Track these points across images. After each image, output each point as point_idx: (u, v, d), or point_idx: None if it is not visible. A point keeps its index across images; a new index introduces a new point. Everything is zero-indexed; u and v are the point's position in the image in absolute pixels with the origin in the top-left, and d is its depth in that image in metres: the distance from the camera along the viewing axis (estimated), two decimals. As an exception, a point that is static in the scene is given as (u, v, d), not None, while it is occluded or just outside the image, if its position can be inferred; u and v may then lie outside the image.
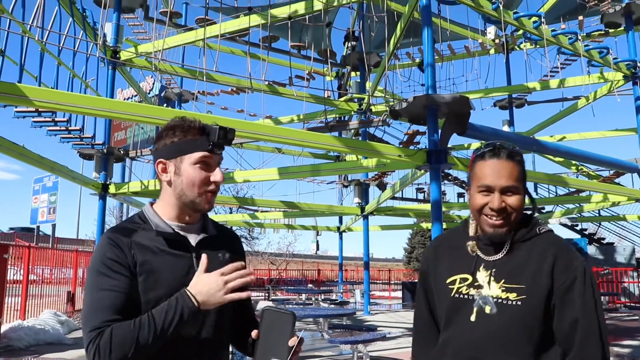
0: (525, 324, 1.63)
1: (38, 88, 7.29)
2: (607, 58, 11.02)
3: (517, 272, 1.68)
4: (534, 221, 1.77)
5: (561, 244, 1.73)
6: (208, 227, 1.71)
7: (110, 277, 1.50)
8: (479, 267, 1.73)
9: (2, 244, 10.97)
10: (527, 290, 1.64)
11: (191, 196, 1.61)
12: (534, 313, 1.63)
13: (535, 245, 1.71)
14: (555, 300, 1.64)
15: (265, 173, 10.77)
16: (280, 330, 1.51)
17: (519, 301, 1.63)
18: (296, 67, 14.36)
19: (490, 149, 1.75)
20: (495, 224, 1.70)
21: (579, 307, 1.61)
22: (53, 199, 26.07)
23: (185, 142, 1.61)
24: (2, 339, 8.72)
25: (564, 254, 1.68)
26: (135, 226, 1.61)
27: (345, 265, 25.21)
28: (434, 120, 8.04)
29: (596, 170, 17.65)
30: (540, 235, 1.74)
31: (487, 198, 1.71)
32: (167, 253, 1.58)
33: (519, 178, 1.73)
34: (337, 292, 19.20)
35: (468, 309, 1.70)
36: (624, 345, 9.37)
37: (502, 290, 1.67)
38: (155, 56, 10.12)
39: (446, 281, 1.78)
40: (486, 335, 1.65)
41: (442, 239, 1.95)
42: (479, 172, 1.74)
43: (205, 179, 1.61)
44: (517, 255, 1.71)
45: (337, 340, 7.26)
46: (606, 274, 17.15)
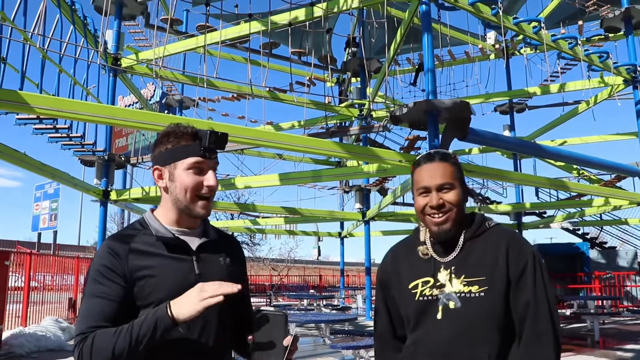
0: (490, 313, 1.71)
1: (39, 95, 7.32)
2: (607, 62, 11.03)
3: (475, 266, 1.76)
4: (481, 218, 1.88)
5: (511, 234, 1.83)
6: (209, 231, 1.72)
7: (103, 285, 1.53)
8: (439, 268, 1.82)
9: (4, 250, 10.98)
10: (488, 281, 1.73)
11: (185, 202, 1.63)
12: (497, 302, 1.71)
13: (488, 239, 1.81)
14: (512, 286, 1.73)
15: (267, 179, 10.79)
16: (274, 332, 1.54)
17: (482, 292, 1.72)
18: (297, 73, 14.38)
19: (424, 156, 1.90)
20: (437, 222, 1.81)
21: (530, 289, 1.71)
22: (54, 205, 26.10)
23: (178, 148, 1.62)
24: (3, 346, 8.71)
25: (515, 242, 1.78)
26: (134, 232, 1.63)
27: (347, 270, 25.17)
28: (435, 126, 8.05)
29: (597, 174, 17.64)
30: (490, 230, 1.84)
31: (426, 198, 1.83)
32: (167, 257, 1.59)
33: (454, 176, 1.84)
34: (338, 298, 19.16)
35: (434, 308, 1.77)
36: (626, 350, 9.34)
37: (463, 285, 1.75)
38: (156, 63, 10.15)
39: (409, 287, 1.85)
40: (454, 330, 1.72)
41: (397, 248, 2.04)
42: (417, 177, 1.87)
43: (198, 184, 1.62)
44: (472, 251, 1.80)
45: (339, 345, 7.26)
46: (608, 278, 17.09)
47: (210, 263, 1.66)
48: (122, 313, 1.51)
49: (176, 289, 1.54)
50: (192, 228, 1.69)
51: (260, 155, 17.42)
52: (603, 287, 16.99)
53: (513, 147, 12.30)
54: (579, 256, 18.01)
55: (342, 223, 20.21)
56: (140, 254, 1.57)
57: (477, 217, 1.88)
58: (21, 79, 8.09)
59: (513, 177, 11.85)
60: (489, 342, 1.69)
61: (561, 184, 11.91)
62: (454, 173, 1.84)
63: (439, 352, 1.73)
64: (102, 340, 1.44)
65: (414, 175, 1.89)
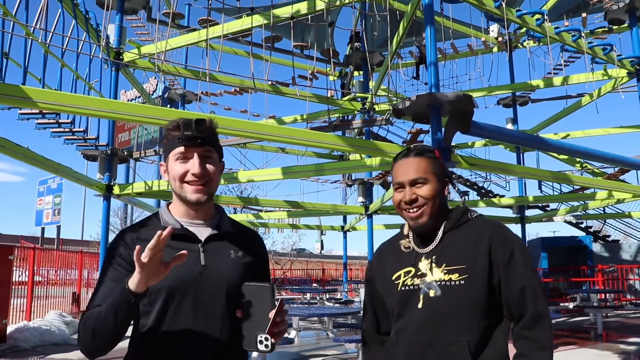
0: (470, 301, 1.73)
1: (42, 90, 7.31)
2: (611, 55, 10.97)
3: (456, 255, 1.79)
4: (462, 209, 1.90)
5: (494, 223, 1.86)
6: (222, 224, 1.74)
7: (110, 270, 1.61)
8: (420, 258, 1.84)
9: (7, 245, 11.02)
10: (468, 269, 1.75)
11: (177, 190, 1.68)
12: (477, 289, 1.73)
13: (470, 229, 1.83)
14: (500, 274, 1.75)
15: (269, 173, 10.78)
16: (260, 304, 1.52)
17: (462, 280, 1.74)
18: (299, 67, 14.35)
19: (402, 152, 1.93)
20: (412, 216, 1.84)
21: (523, 276, 1.75)
22: (58, 200, 26.14)
23: (169, 142, 1.69)
24: (8, 340, 8.75)
25: (499, 231, 1.81)
26: (147, 223, 1.72)
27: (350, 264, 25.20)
28: (438, 119, 8.02)
29: (601, 168, 17.59)
30: (472, 220, 1.87)
31: (401, 194, 1.87)
32: (172, 247, 1.60)
33: (429, 170, 1.86)
34: (341, 291, 19.18)
35: (415, 298, 1.79)
36: (629, 343, 9.34)
37: (444, 273, 1.77)
38: (158, 57, 10.14)
39: (392, 278, 1.88)
40: (435, 317, 1.74)
41: (382, 246, 2.09)
42: (394, 173, 1.91)
43: (182, 173, 1.66)
44: (453, 240, 1.82)
45: (342, 339, 7.28)
46: (611, 271, 17.08)
47: (218, 255, 1.67)
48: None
49: (178, 279, 1.57)
50: (204, 220, 1.71)
51: (263, 149, 17.42)
52: (606, 280, 16.98)
53: (516, 140, 12.25)
54: (582, 249, 18.00)
55: (345, 217, 20.22)
56: (147, 241, 1.57)
57: (459, 208, 1.90)
58: (23, 73, 8.09)
59: (516, 170, 11.82)
60: (469, 330, 1.71)
61: (564, 177, 11.87)
62: (428, 167, 1.86)
63: (420, 340, 1.75)
64: (88, 316, 1.53)
65: (392, 170, 1.94)
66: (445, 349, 1.70)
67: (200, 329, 1.59)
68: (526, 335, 1.72)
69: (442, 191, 1.87)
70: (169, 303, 1.58)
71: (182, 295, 1.58)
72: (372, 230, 15.60)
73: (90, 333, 1.51)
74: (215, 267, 1.63)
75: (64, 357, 8.14)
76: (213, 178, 1.69)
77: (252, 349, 1.53)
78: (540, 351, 1.69)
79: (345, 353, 8.27)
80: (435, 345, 1.72)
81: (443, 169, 1.91)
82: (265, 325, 1.50)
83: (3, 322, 8.78)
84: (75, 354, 8.33)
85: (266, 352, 1.53)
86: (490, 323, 1.75)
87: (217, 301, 1.60)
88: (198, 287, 1.60)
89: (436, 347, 1.72)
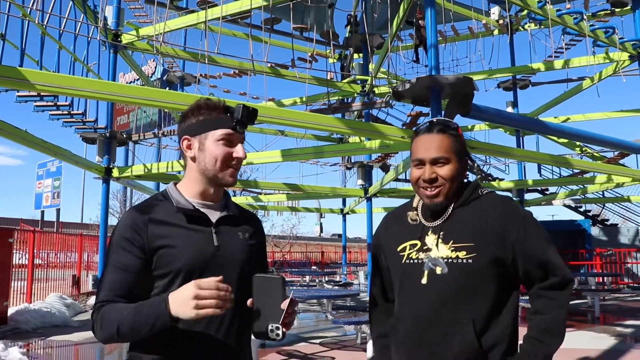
0: (477, 279, 1.70)
1: (39, 72, 7.27)
2: (612, 38, 10.89)
3: (464, 232, 1.75)
4: (474, 185, 1.86)
5: (504, 200, 1.84)
6: (229, 206, 1.75)
7: (121, 256, 1.58)
8: (427, 232, 1.81)
9: (7, 228, 11.03)
10: (476, 247, 1.71)
11: (214, 171, 1.67)
12: (484, 268, 1.70)
13: (480, 206, 1.80)
14: (516, 251, 1.73)
15: (269, 155, 10.76)
16: (271, 295, 1.54)
17: (470, 259, 1.70)
18: (298, 50, 14.24)
19: (424, 126, 1.86)
20: (429, 194, 1.80)
21: (544, 249, 1.75)
22: (57, 183, 26.16)
23: (210, 120, 1.67)
24: (9, 322, 8.80)
25: (510, 208, 1.80)
26: (156, 202, 1.68)
27: (349, 247, 25.27)
28: (438, 102, 7.99)
29: (600, 152, 17.58)
30: (483, 197, 1.83)
31: (420, 171, 1.81)
32: (186, 228, 1.62)
33: (451, 149, 1.80)
34: (340, 274, 19.26)
35: (419, 272, 1.76)
36: (626, 325, 9.40)
37: (451, 250, 1.73)
38: (156, 39, 10.05)
39: (397, 249, 1.86)
40: (440, 296, 1.72)
41: (390, 214, 2.05)
42: (414, 148, 1.86)
43: (227, 155, 1.67)
44: (462, 216, 1.79)
45: (341, 321, 7.32)
46: (609, 255, 17.16)
47: (230, 236, 1.68)
48: (138, 284, 1.57)
49: (194, 260, 1.58)
50: (214, 201, 1.72)
51: (262, 132, 17.36)
52: (604, 264, 17.06)
53: (516, 123, 12.22)
54: (581, 233, 18.06)
55: (344, 199, 20.24)
56: (159, 223, 1.61)
57: (470, 184, 1.86)
58: (21, 55, 8.04)
59: (516, 154, 11.80)
60: (474, 308, 1.69)
61: (564, 160, 11.86)
62: (450, 146, 1.80)
63: (424, 317, 1.73)
64: (110, 317, 1.51)
65: (412, 144, 1.88)
66: (449, 326, 1.69)
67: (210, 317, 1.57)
68: (546, 295, 1.74)
69: (462, 172, 1.84)
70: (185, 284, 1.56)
71: (198, 276, 1.57)
72: (372, 213, 15.61)
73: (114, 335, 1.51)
74: (227, 248, 1.65)
75: (65, 339, 8.19)
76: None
77: (263, 338, 1.56)
78: (559, 310, 1.72)
79: (344, 335, 8.32)
80: (438, 323, 1.70)
81: (464, 148, 1.86)
82: (277, 315, 1.53)
83: (4, 305, 8.82)
84: (76, 336, 8.38)
85: (278, 340, 1.56)
86: (496, 302, 1.72)
87: (230, 281, 1.59)
88: (212, 267, 1.60)
89: (440, 325, 1.70)
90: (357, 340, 7.76)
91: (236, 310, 1.61)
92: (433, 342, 1.70)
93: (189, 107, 1.73)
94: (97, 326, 1.53)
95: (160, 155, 16.55)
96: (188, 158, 1.71)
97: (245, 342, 1.72)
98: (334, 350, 7.28)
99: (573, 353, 6.70)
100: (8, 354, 6.40)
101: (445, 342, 1.69)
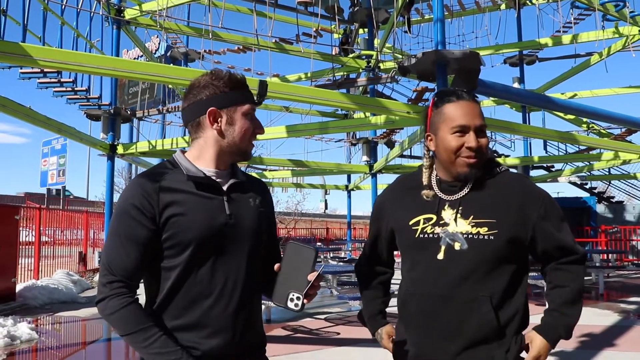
0: (498, 256, 1.67)
1: (42, 47, 7.22)
2: (623, 12, 10.70)
3: (485, 207, 1.70)
4: (492, 162, 1.80)
5: (522, 179, 1.81)
6: (237, 173, 1.73)
7: (132, 227, 1.53)
8: (444, 206, 1.74)
9: (13, 205, 11.08)
10: (499, 224, 1.67)
11: (243, 145, 1.67)
12: (505, 245, 1.66)
13: (499, 182, 1.75)
14: (535, 230, 1.71)
15: (274, 131, 10.71)
16: (301, 265, 1.53)
17: (491, 235, 1.66)
18: (303, 25, 14.10)
19: (455, 92, 1.77)
20: (472, 163, 1.70)
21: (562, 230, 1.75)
22: (62, 161, 26.18)
23: (236, 94, 1.66)
24: (17, 298, 8.89)
25: (529, 188, 1.76)
26: (165, 170, 1.63)
27: (354, 224, 25.34)
28: (444, 77, 7.90)
29: (607, 128, 17.44)
30: (501, 174, 1.78)
31: (462, 138, 1.70)
32: (198, 195, 1.59)
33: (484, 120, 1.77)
34: (345, 250, 19.35)
35: (435, 247, 1.70)
36: (630, 302, 9.43)
37: (472, 225, 1.68)
38: (160, 14, 9.95)
39: (409, 223, 1.78)
40: (458, 271, 1.66)
41: (402, 179, 1.96)
42: (452, 114, 1.72)
43: (255, 129, 1.70)
44: (483, 192, 1.73)
45: (346, 296, 7.36)
46: (615, 232, 17.14)
47: (241, 203, 1.66)
48: (147, 256, 1.54)
49: (206, 228, 1.56)
50: (223, 169, 1.70)
51: (267, 108, 17.30)
52: (609, 241, 17.05)
53: (522, 99, 12.10)
54: (586, 210, 18.02)
55: (349, 176, 20.24)
56: (170, 191, 1.57)
57: (491, 160, 1.80)
58: (23, 31, 7.96)
59: (522, 130, 11.71)
60: (492, 285, 1.66)
61: (570, 137, 11.77)
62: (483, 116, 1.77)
63: (438, 294, 1.68)
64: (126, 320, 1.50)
65: (443, 110, 1.75)
66: (465, 304, 1.65)
67: (226, 278, 1.58)
68: (565, 269, 1.76)
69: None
70: (197, 254, 1.56)
71: (210, 245, 1.57)
72: (377, 190, 15.62)
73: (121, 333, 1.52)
74: (239, 216, 1.63)
75: (73, 315, 8.27)
76: None
77: (281, 305, 1.55)
78: (576, 281, 1.76)
79: (349, 311, 8.37)
80: (455, 300, 1.66)
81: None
82: (302, 285, 1.52)
83: (12, 281, 8.90)
84: (83, 312, 8.47)
85: (294, 311, 1.55)
86: (513, 279, 1.70)
87: (243, 250, 1.60)
88: (225, 236, 1.59)
89: (456, 302, 1.66)
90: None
91: (248, 281, 1.61)
92: (448, 319, 1.67)
93: (206, 75, 1.68)
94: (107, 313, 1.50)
95: (164, 132, 16.53)
96: (209, 130, 1.64)
97: (256, 312, 1.70)
98: (339, 325, 7.33)
99: (577, 329, 6.68)
100: (17, 329, 6.47)
101: (461, 320, 1.65)
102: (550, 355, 1.75)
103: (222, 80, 1.65)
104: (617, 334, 6.66)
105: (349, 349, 6.01)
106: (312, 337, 6.65)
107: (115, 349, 6.52)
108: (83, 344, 6.76)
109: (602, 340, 6.32)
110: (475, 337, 1.65)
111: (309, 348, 6.00)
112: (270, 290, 1.61)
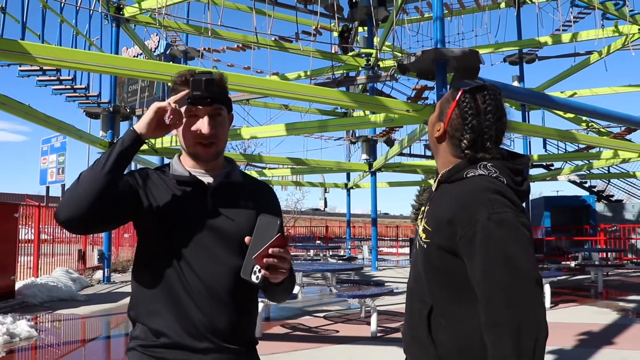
0: (429, 266, 1.53)
1: (41, 45, 7.21)
2: (622, 10, 10.71)
3: (433, 212, 1.57)
4: (464, 164, 1.57)
5: (475, 192, 1.46)
6: (232, 174, 1.72)
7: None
8: (428, 203, 1.68)
9: (12, 203, 11.06)
10: (433, 233, 1.52)
11: (186, 146, 1.67)
12: (436, 256, 1.50)
13: (457, 189, 1.52)
14: (461, 251, 1.43)
15: (273, 129, 10.72)
16: (266, 236, 1.49)
17: (425, 243, 1.55)
18: (303, 23, 14.09)
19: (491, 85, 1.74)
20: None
21: (480, 270, 1.38)
22: (62, 159, 26.15)
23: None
24: (17, 296, 8.89)
25: (470, 204, 1.44)
26: (158, 169, 1.72)
27: (353, 222, 25.35)
28: (443, 75, 7.91)
29: (607, 127, 17.45)
30: (467, 180, 1.52)
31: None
32: (178, 190, 1.64)
33: None
34: (345, 249, 19.36)
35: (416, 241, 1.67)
36: (629, 301, 9.44)
37: (422, 229, 1.59)
38: (159, 12, 9.95)
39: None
40: (413, 277, 1.66)
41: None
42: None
43: (193, 132, 1.63)
44: (442, 195, 1.58)
45: (345, 294, 7.35)
46: (614, 230, 17.15)
47: (225, 201, 1.66)
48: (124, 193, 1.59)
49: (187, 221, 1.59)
50: (214, 169, 1.70)
51: (266, 106, 17.30)
52: (608, 239, 17.06)
53: (522, 97, 12.10)
54: (585, 209, 18.03)
55: (349, 174, 20.24)
56: (154, 185, 1.65)
57: (460, 163, 1.59)
58: (22, 29, 7.96)
59: (521, 128, 11.71)
60: (430, 297, 1.53)
61: (570, 135, 11.77)
62: None
63: (409, 286, 1.68)
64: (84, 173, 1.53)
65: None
66: (419, 302, 1.59)
67: (207, 272, 1.58)
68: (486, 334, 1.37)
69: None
70: (175, 246, 1.58)
71: (188, 238, 1.58)
72: (376, 188, 15.63)
73: (75, 181, 1.51)
74: (221, 215, 1.63)
75: (72, 312, 8.28)
76: (221, 137, 1.67)
77: (246, 278, 1.51)
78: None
79: (348, 309, 8.38)
80: (414, 297, 1.63)
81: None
82: (261, 254, 1.45)
83: (11, 279, 8.90)
84: (82, 309, 8.47)
85: (255, 285, 1.50)
86: (456, 295, 1.48)
87: (222, 245, 1.60)
88: (203, 230, 1.60)
89: (414, 298, 1.63)
90: (361, 313, 7.82)
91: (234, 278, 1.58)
92: (411, 312, 1.65)
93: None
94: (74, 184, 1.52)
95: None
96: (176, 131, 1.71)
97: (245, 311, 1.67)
98: (338, 323, 7.33)
99: (576, 327, 6.72)
100: (17, 326, 6.47)
101: (417, 316, 1.59)
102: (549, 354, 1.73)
103: (173, 84, 1.68)
104: (616, 333, 6.67)
105: (348, 347, 6.01)
106: (311, 335, 6.65)
107: (114, 347, 6.53)
108: (82, 342, 6.76)
109: (601, 338, 6.33)
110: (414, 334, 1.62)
111: (308, 346, 6.01)
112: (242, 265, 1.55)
